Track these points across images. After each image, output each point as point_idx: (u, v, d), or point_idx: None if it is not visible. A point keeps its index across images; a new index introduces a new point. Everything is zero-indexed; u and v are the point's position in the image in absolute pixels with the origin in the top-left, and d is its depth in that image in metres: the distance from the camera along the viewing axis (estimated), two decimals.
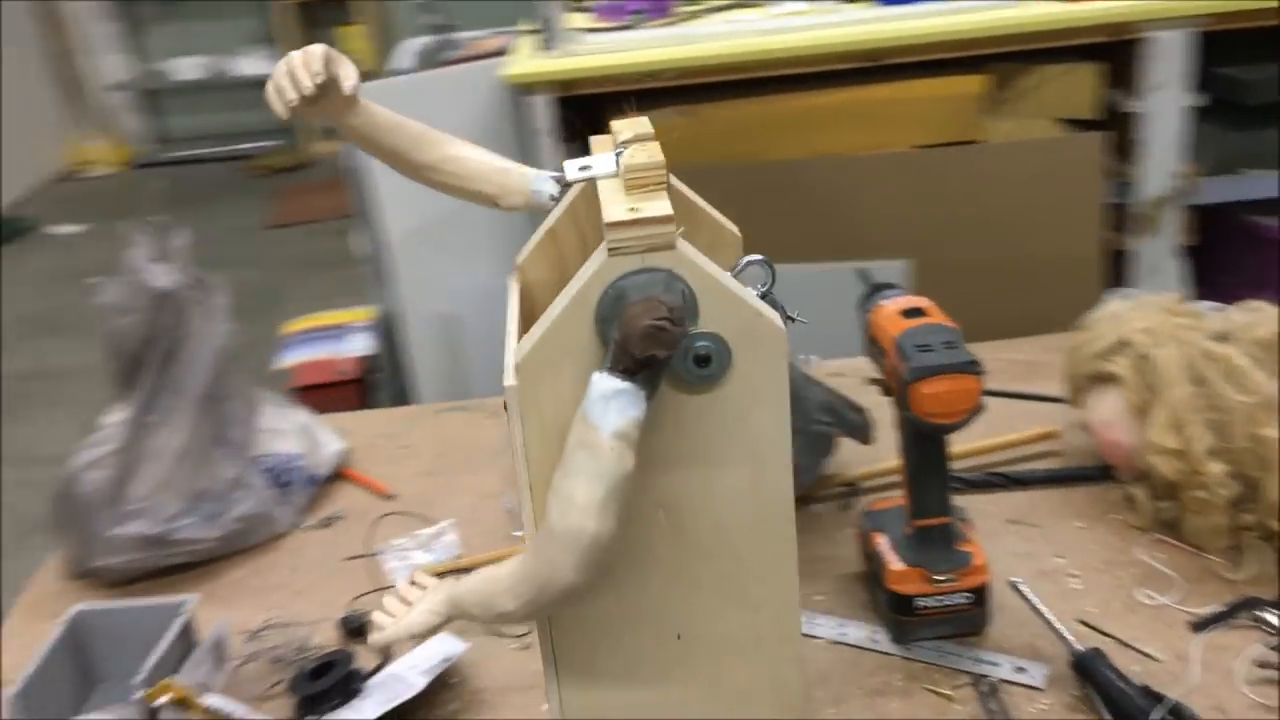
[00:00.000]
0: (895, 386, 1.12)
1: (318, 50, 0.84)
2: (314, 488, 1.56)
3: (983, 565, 1.18)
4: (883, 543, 1.21)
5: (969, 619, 1.19)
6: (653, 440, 0.61)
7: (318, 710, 1.17)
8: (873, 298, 1.22)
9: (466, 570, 1.06)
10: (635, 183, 0.61)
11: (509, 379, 0.60)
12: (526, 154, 2.89)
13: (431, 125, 0.98)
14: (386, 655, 1.20)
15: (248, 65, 7.13)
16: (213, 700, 1.10)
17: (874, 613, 1.24)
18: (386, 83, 2.97)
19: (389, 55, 3.84)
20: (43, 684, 1.16)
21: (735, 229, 0.75)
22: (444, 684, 1.19)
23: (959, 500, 1.38)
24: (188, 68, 7.32)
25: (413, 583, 0.73)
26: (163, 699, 1.07)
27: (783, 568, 0.65)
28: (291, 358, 2.98)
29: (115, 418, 1.47)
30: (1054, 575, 1.27)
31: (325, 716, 1.15)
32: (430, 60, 3.24)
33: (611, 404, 0.56)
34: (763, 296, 0.69)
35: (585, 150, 0.78)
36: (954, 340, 1.10)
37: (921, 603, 1.17)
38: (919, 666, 1.17)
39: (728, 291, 0.60)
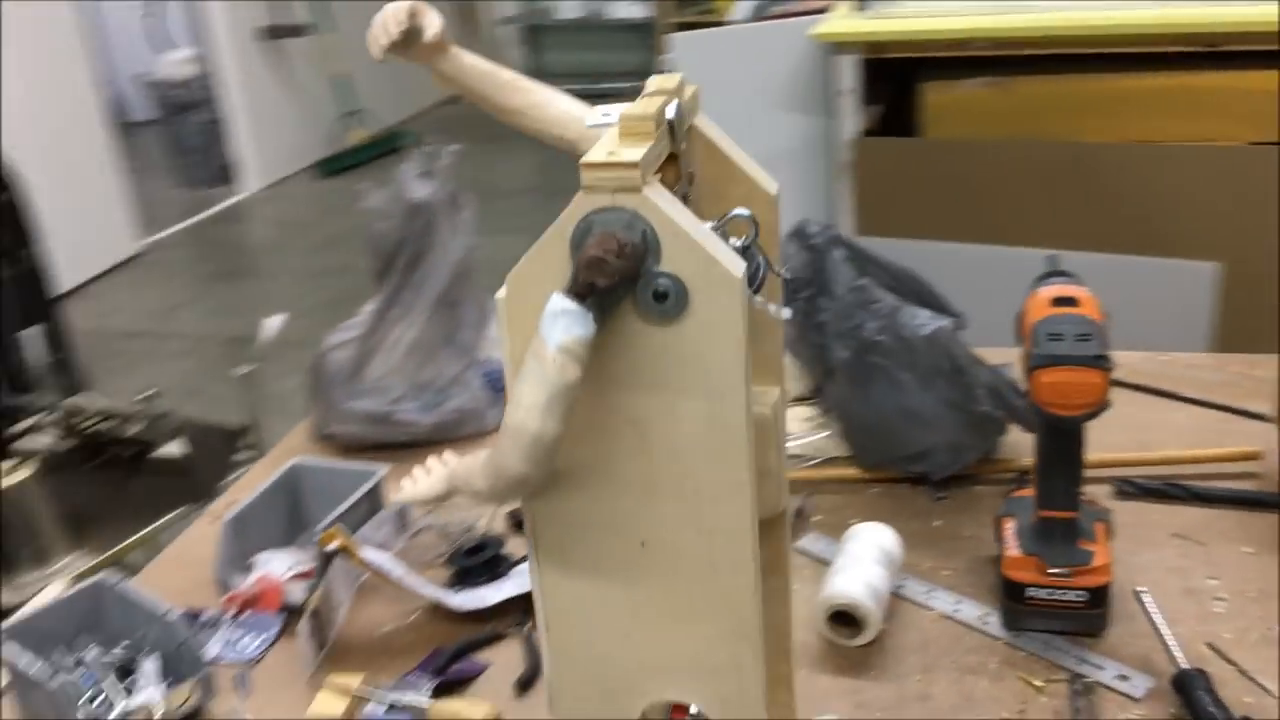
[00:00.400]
0: (1024, 372, 1.12)
1: (404, 4, 0.95)
2: None
3: (1104, 567, 1.15)
4: (1009, 528, 1.21)
5: (1084, 618, 1.17)
6: (623, 362, 0.69)
7: (464, 583, 1.32)
8: (1039, 283, 1.21)
9: None
10: (627, 130, 0.68)
11: (500, 293, 0.70)
12: (830, 112, 2.93)
13: (741, 78, 1.06)
14: None
15: (621, 9, 7.52)
16: (370, 555, 1.27)
17: (994, 596, 1.24)
18: (705, 33, 3.08)
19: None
20: (255, 516, 1.38)
21: (772, 188, 0.80)
22: None
23: (1126, 504, 1.35)
24: (568, 8, 7.80)
25: (440, 457, 0.84)
26: (331, 545, 1.24)
27: (737, 498, 0.71)
28: None
29: (367, 308, 1.67)
30: (1200, 595, 1.22)
31: (465, 588, 1.30)
32: (759, 14, 3.32)
33: (559, 321, 0.64)
34: (744, 249, 0.73)
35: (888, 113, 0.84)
36: (1089, 333, 1.08)
37: (1032, 592, 1.17)
38: (1020, 655, 1.17)
39: (688, 237, 0.66)
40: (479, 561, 1.34)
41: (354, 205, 1.68)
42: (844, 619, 1.19)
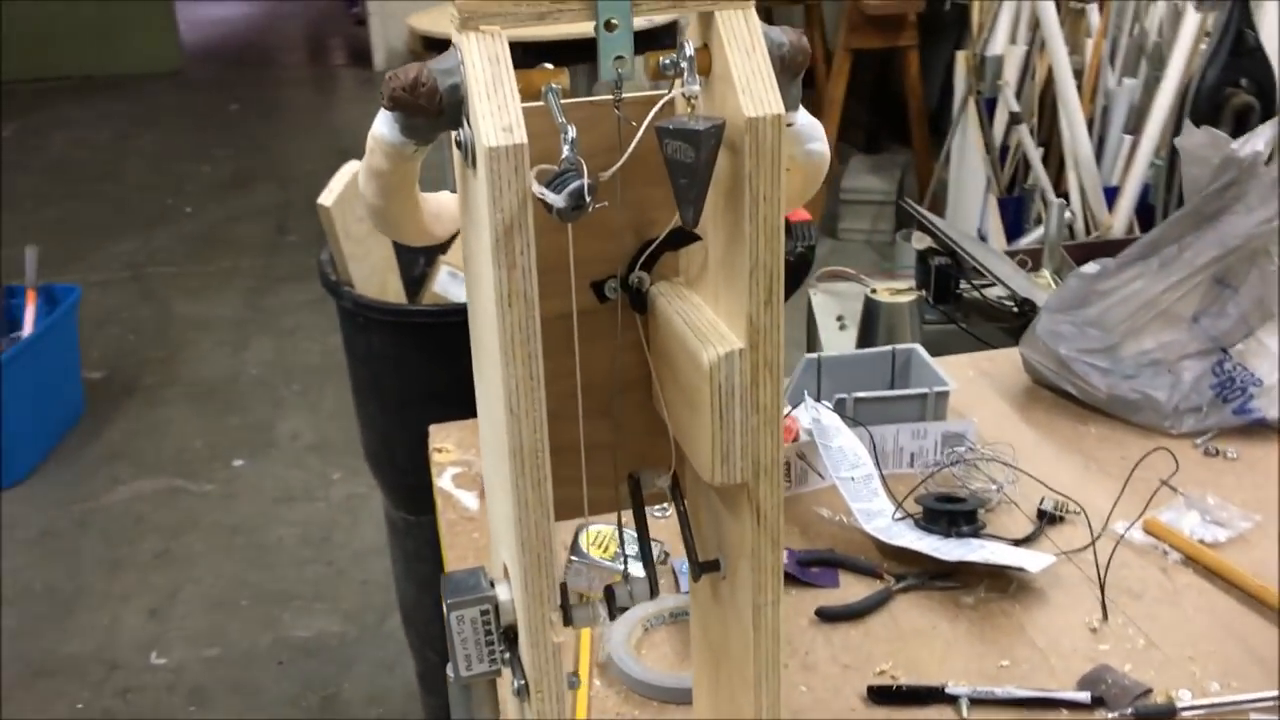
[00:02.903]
0: None
1: None
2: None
3: None
4: None
5: None
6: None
7: (936, 523, 1.22)
8: None
9: None
10: None
11: None
12: None
13: None
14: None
15: None
16: None
17: None
18: None
19: None
20: None
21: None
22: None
23: None
24: None
25: None
26: None
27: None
28: None
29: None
30: None
31: (928, 530, 1.21)
32: None
33: (378, 118, 0.69)
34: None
35: None
36: None
37: None
38: None
39: (478, 101, 0.62)
40: (951, 510, 1.22)
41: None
42: None
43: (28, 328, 3.19)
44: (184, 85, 6.91)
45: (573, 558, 1.12)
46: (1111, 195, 3.03)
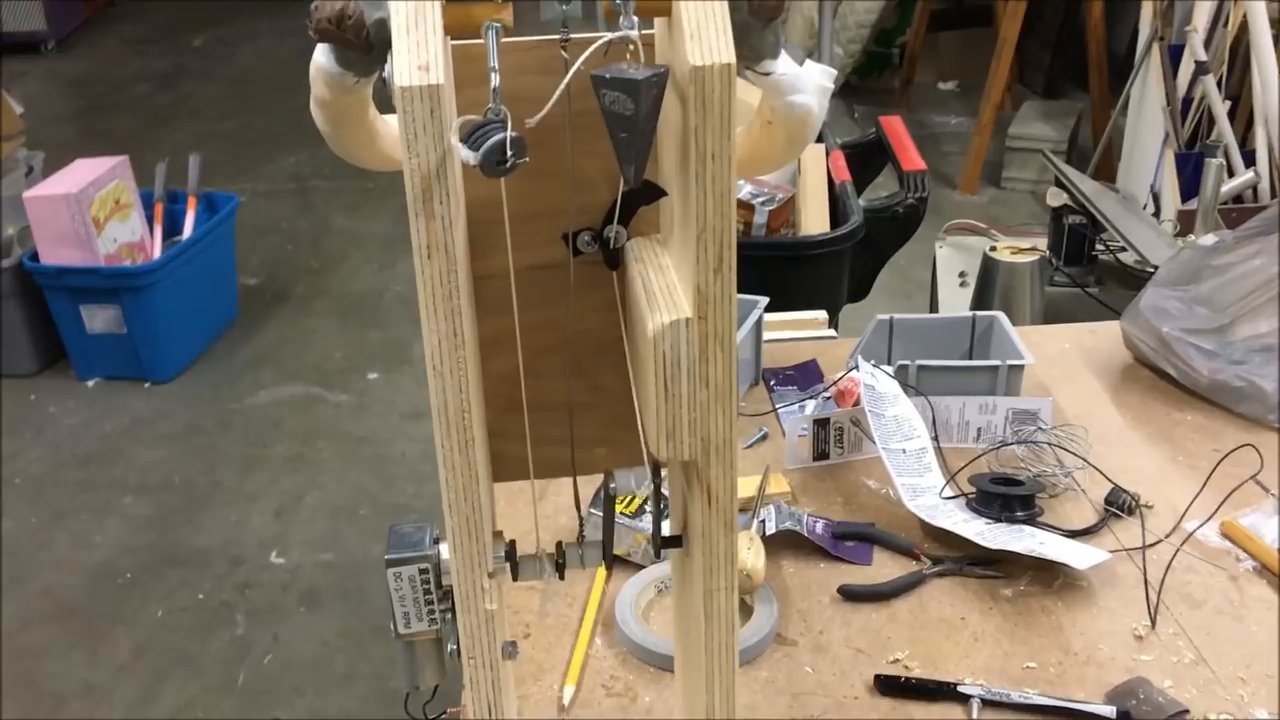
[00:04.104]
0: None
1: None
2: None
3: None
4: None
5: None
6: None
7: (988, 505, 1.15)
8: None
9: None
10: None
11: None
12: None
13: None
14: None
15: None
16: None
17: None
18: None
19: None
20: None
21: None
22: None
23: None
24: None
25: None
26: None
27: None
28: None
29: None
30: None
31: (980, 514, 1.14)
32: None
33: (318, 46, 0.66)
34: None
35: None
36: None
37: None
38: None
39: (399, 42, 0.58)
40: (1012, 495, 1.14)
41: None
42: None
43: (187, 232, 3.33)
44: None
45: (592, 510, 1.10)
46: None
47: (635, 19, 0.62)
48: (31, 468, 2.92)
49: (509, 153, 0.59)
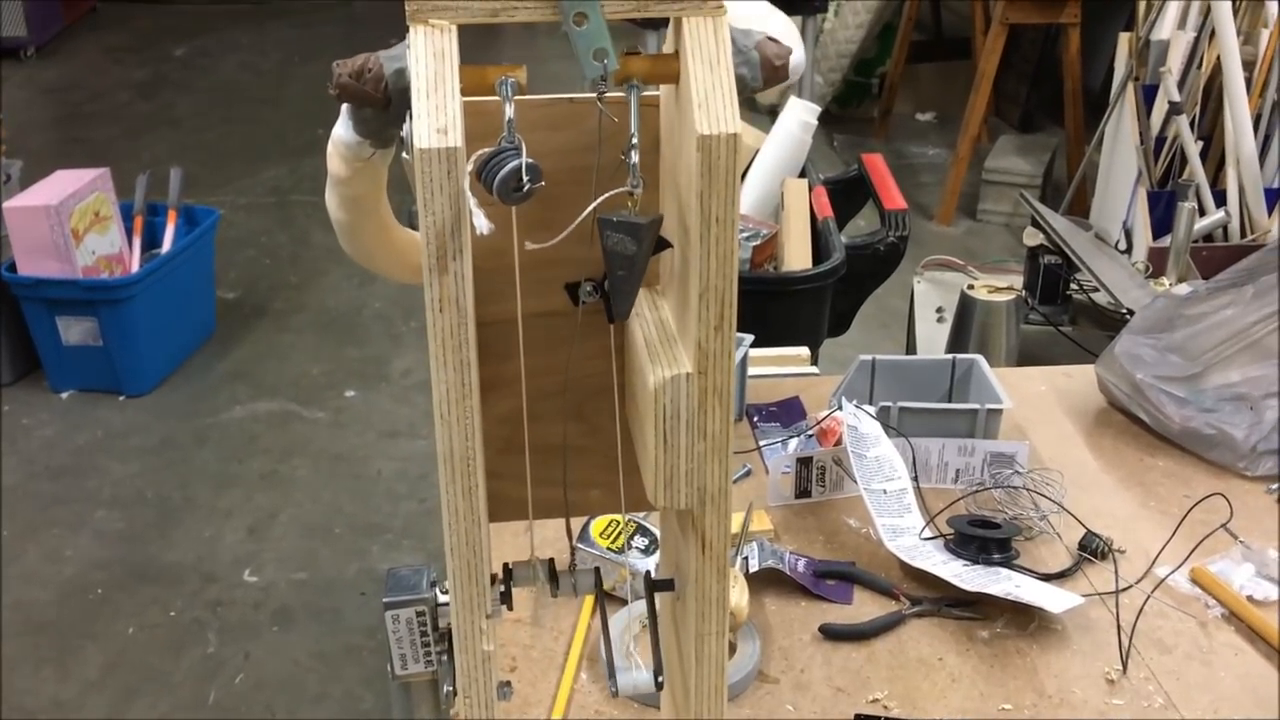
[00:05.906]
0: None
1: None
2: None
3: None
4: None
5: None
6: None
7: (966, 547, 1.17)
8: None
9: None
10: None
11: None
12: None
13: None
14: None
15: None
16: None
17: None
18: None
19: None
20: None
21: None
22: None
23: None
24: None
25: None
26: None
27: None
28: None
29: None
30: None
31: (957, 555, 1.16)
32: None
33: (339, 121, 0.67)
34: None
35: None
36: None
37: None
38: None
39: (419, 94, 0.60)
40: (987, 539, 1.16)
41: None
42: None
43: (166, 245, 3.32)
44: (355, 19, 7.05)
45: (578, 544, 1.11)
46: (1273, 198, 2.85)
47: (641, 180, 0.64)
48: (3, 480, 2.90)
49: (524, 178, 0.61)
